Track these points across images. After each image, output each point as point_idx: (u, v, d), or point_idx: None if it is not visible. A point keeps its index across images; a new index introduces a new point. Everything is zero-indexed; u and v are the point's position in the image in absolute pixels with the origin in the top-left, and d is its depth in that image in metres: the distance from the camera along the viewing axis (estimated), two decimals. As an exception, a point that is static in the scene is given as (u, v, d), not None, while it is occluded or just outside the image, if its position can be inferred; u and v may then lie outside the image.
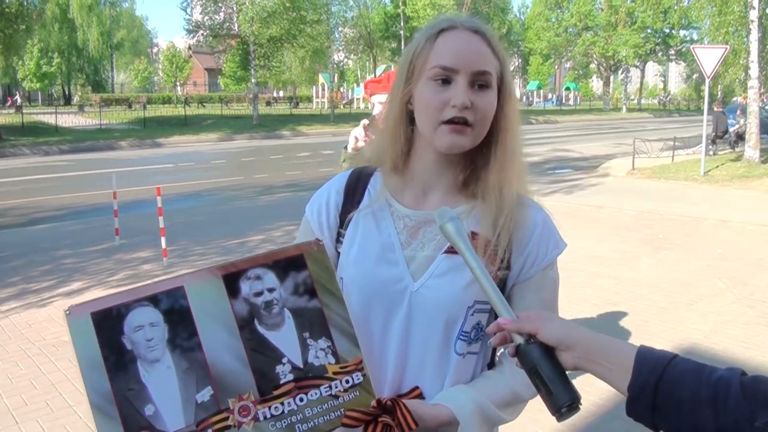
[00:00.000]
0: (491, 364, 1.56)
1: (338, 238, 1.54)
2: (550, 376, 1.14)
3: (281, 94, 70.19)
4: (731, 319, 6.22)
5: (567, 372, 1.16)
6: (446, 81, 1.39)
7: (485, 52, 1.41)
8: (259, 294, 1.36)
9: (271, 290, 1.37)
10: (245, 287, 1.36)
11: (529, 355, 1.16)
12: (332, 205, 1.57)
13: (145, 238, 9.63)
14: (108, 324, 1.26)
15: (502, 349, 1.52)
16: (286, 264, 1.39)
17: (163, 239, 8.26)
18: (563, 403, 1.12)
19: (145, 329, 1.28)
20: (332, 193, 1.58)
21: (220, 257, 8.57)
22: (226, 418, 1.28)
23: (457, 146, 1.40)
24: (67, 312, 1.25)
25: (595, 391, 4.50)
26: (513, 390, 1.46)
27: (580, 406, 1.15)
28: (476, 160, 1.48)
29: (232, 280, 1.35)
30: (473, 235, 1.42)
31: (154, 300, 1.30)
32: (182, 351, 1.29)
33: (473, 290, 1.41)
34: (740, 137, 22.12)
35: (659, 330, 5.88)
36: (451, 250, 1.40)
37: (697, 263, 8.25)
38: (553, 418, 1.15)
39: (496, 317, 1.45)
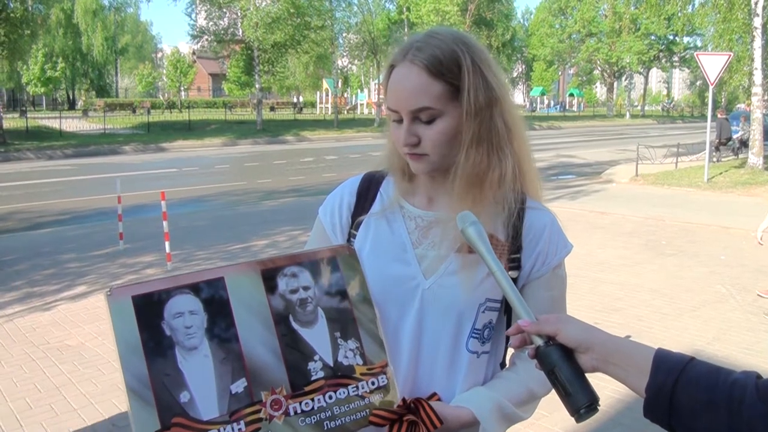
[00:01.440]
0: (503, 364, 1.61)
1: (349, 239, 1.58)
2: (569, 377, 1.15)
3: (300, 99, 69.91)
4: (734, 325, 6.22)
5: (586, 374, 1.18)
6: (399, 118, 1.44)
7: (421, 85, 1.40)
8: (294, 291, 1.40)
9: (306, 288, 1.41)
10: (282, 283, 1.39)
11: (548, 356, 1.18)
12: (345, 207, 1.62)
13: (148, 243, 9.65)
14: (148, 308, 1.28)
15: (512, 349, 1.56)
16: (321, 265, 1.44)
17: (167, 244, 8.28)
18: (582, 404, 1.14)
19: (185, 316, 1.29)
20: (345, 196, 1.64)
21: (223, 262, 8.58)
22: (259, 411, 1.30)
23: (421, 172, 1.49)
24: (109, 293, 1.26)
25: (597, 397, 4.50)
26: (528, 388, 1.51)
27: (599, 407, 1.16)
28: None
29: (269, 275, 1.39)
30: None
31: (195, 288, 1.32)
32: (220, 341, 1.31)
33: (484, 288, 1.46)
34: (744, 144, 22.12)
35: (662, 336, 5.88)
36: (462, 249, 1.46)
37: (700, 269, 8.25)
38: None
39: (508, 316, 1.50)
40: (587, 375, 1.18)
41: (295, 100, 70.10)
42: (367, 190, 1.62)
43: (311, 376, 1.36)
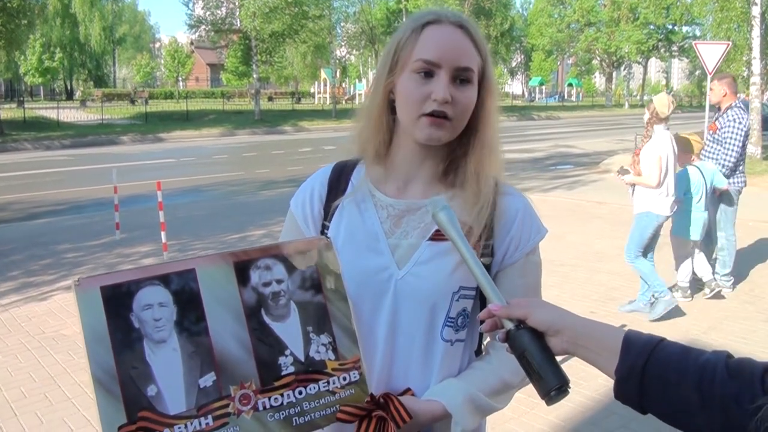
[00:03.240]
0: (478, 352, 1.59)
1: (323, 230, 1.56)
2: (539, 360, 1.16)
3: (319, 88, 68.81)
4: (730, 314, 6.22)
5: (558, 357, 1.18)
6: (429, 74, 1.41)
7: (468, 47, 1.43)
8: (267, 284, 1.37)
9: (279, 281, 1.38)
10: (255, 276, 1.36)
11: (518, 340, 1.18)
12: (316, 197, 1.60)
13: (145, 233, 9.65)
14: (117, 299, 1.25)
15: (488, 339, 1.55)
16: (295, 258, 1.41)
17: (163, 234, 8.26)
18: (552, 386, 1.14)
19: (154, 308, 1.27)
20: (316, 186, 1.61)
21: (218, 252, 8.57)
22: (227, 405, 1.28)
23: (434, 138, 1.43)
24: (77, 283, 1.23)
25: (591, 386, 4.51)
26: (501, 378, 1.49)
27: (569, 390, 1.16)
28: (455, 151, 1.51)
29: (242, 267, 1.36)
30: None
31: (165, 280, 1.29)
32: (189, 334, 1.29)
33: (458, 276, 1.44)
34: (742, 133, 22.07)
35: (658, 325, 5.87)
36: (435, 238, 1.45)
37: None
38: (552, 409, 1.16)
39: (482, 304, 1.48)
40: (558, 358, 1.18)
41: (312, 89, 69.22)
42: (338, 180, 1.60)
43: (281, 371, 1.34)
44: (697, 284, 6.86)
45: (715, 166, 6.87)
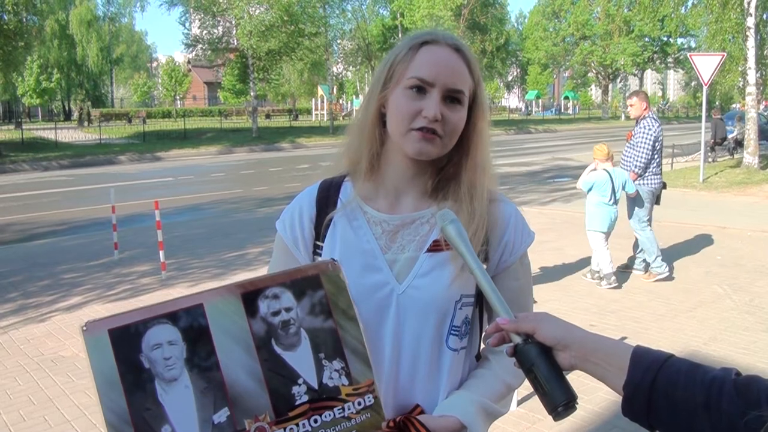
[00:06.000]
0: (477, 356, 1.61)
1: (315, 251, 1.56)
2: (546, 375, 1.15)
3: (316, 104, 68.01)
4: (731, 325, 6.20)
5: (565, 372, 1.18)
6: (421, 91, 1.43)
7: (462, 70, 1.46)
8: (276, 313, 1.35)
9: (288, 310, 1.36)
10: (263, 306, 1.34)
11: (526, 354, 1.18)
12: (306, 218, 1.59)
13: (143, 252, 9.64)
14: (126, 341, 1.24)
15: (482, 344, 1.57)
16: (303, 283, 1.39)
17: (161, 253, 8.26)
18: (559, 402, 1.14)
19: (164, 347, 1.25)
20: (304, 207, 1.60)
21: (218, 270, 8.57)
22: None
23: (424, 153, 1.45)
24: (84, 328, 1.22)
25: (593, 399, 4.50)
26: (505, 382, 1.52)
27: (577, 406, 1.16)
28: (446, 169, 1.54)
29: (250, 298, 1.34)
30: None
31: (172, 317, 1.28)
32: (200, 370, 1.27)
33: (458, 284, 1.46)
34: (739, 144, 22.15)
35: (658, 337, 5.87)
36: (433, 249, 1.47)
37: (697, 270, 8.24)
38: (554, 423, 1.16)
39: (480, 310, 1.52)
40: (566, 373, 1.18)
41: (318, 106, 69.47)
42: (326, 198, 1.59)
43: (295, 401, 1.32)
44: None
45: (626, 173, 7.69)
